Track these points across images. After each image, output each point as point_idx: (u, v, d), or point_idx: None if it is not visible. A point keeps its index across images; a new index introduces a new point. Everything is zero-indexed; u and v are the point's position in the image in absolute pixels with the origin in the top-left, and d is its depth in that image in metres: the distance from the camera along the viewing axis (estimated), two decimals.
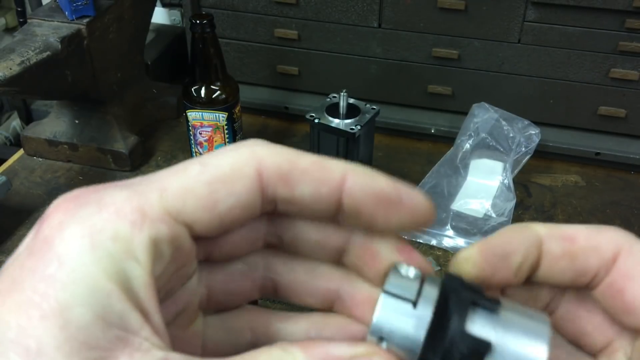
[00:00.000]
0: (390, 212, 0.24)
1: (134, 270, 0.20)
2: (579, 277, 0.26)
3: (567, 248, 0.25)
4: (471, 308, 0.23)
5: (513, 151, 0.91)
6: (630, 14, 0.89)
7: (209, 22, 0.86)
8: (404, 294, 0.23)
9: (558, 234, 0.26)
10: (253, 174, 0.23)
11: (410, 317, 0.23)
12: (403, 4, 0.96)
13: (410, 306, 0.23)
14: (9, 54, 0.82)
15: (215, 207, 0.22)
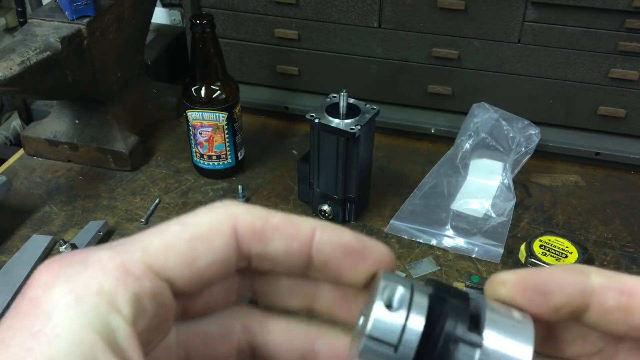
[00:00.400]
0: (356, 263, 0.25)
1: (118, 323, 0.21)
2: (633, 332, 0.25)
3: (624, 302, 0.25)
4: (454, 346, 0.23)
5: (513, 151, 0.92)
6: (630, 14, 0.89)
7: (209, 22, 0.86)
8: (386, 337, 0.23)
9: (616, 286, 0.25)
10: (229, 231, 0.24)
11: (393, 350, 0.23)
12: (403, 4, 0.96)
13: (392, 351, 0.23)
14: (9, 54, 0.82)
15: (195, 263, 0.24)
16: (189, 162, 1.01)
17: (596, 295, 0.25)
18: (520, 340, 0.23)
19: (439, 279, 0.25)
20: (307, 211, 0.92)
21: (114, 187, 0.97)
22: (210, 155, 0.96)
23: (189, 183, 0.98)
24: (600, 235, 0.89)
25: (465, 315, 0.24)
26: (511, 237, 0.88)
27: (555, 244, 0.83)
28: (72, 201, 0.94)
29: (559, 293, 0.25)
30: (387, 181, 0.99)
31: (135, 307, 0.22)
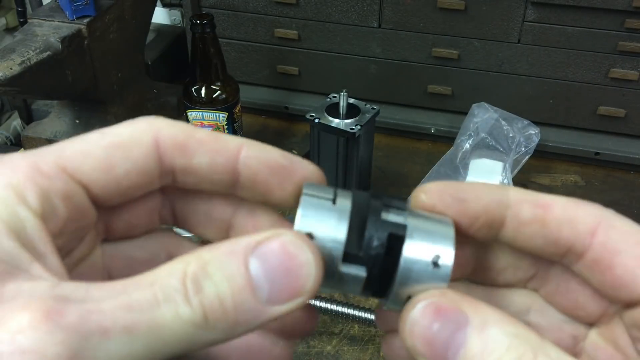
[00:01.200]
0: (284, 179, 0.26)
1: (25, 214, 0.21)
2: (551, 246, 0.26)
3: (539, 215, 0.25)
4: (384, 208, 0.25)
5: (513, 151, 0.92)
6: (629, 13, 0.89)
7: (209, 22, 0.86)
8: (322, 194, 0.25)
9: (532, 199, 0.26)
10: (150, 141, 0.24)
11: (332, 211, 0.24)
12: (403, 4, 0.96)
13: (330, 202, 0.24)
14: (10, 54, 0.82)
15: (112, 170, 0.24)
16: None
17: (512, 207, 0.25)
18: (441, 222, 0.25)
19: None
20: None
21: None
22: None
23: None
24: None
25: (388, 199, 0.25)
26: None
27: None
28: None
29: (475, 201, 0.26)
30: (387, 181, 0.99)
31: (44, 202, 0.22)
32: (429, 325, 0.22)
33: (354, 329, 0.76)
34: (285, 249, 0.22)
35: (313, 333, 0.73)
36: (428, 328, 0.22)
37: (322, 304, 0.70)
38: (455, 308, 0.23)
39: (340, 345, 0.74)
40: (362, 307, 0.70)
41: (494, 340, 0.22)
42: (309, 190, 0.25)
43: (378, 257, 0.24)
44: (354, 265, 0.24)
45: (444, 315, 0.22)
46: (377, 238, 0.24)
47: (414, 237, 0.24)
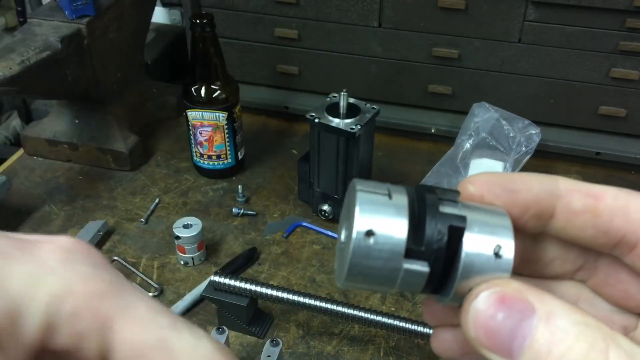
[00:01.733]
0: None
1: None
2: (602, 237, 0.25)
3: (591, 204, 0.25)
4: (439, 201, 0.24)
5: (513, 151, 0.91)
6: (630, 13, 0.89)
7: (209, 22, 0.86)
8: (376, 190, 0.25)
9: (583, 189, 0.25)
10: None
11: (389, 206, 0.24)
12: (403, 4, 0.96)
13: (386, 197, 0.24)
14: (9, 54, 0.82)
15: None
16: (188, 161, 1.01)
17: (563, 197, 0.25)
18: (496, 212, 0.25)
19: None
20: (307, 211, 0.92)
21: (114, 187, 0.97)
22: (210, 155, 0.96)
23: (189, 183, 0.98)
24: None
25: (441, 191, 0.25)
26: None
27: None
28: (71, 201, 0.94)
29: (525, 191, 0.25)
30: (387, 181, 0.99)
31: None
32: (493, 314, 0.22)
33: (354, 330, 0.76)
34: None
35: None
36: (492, 317, 0.22)
37: (322, 304, 0.70)
38: (521, 297, 0.22)
39: (341, 345, 0.74)
40: (362, 307, 0.70)
41: (562, 329, 0.21)
42: (362, 186, 0.25)
43: (440, 251, 0.24)
44: (416, 261, 0.24)
45: (509, 304, 0.22)
46: (438, 232, 0.24)
47: (474, 229, 0.24)
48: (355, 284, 0.24)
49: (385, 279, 0.24)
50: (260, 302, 0.76)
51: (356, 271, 0.24)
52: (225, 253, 0.86)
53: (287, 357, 0.73)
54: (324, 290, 0.81)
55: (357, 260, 0.24)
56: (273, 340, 0.67)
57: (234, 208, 0.92)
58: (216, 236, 0.88)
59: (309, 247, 0.87)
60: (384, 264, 0.24)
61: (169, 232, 0.88)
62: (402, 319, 0.68)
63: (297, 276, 0.83)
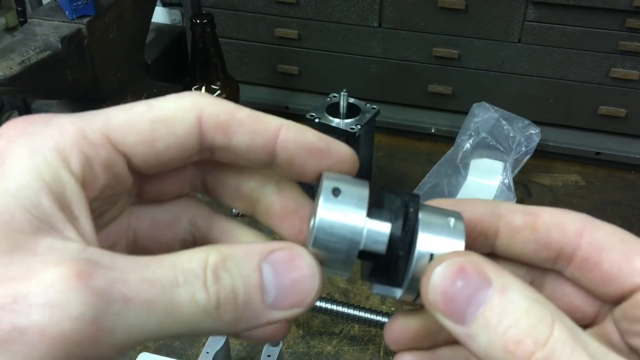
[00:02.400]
0: (319, 161, 0.27)
1: (67, 178, 0.22)
2: (542, 251, 0.27)
3: (530, 221, 0.27)
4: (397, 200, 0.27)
5: (513, 151, 0.91)
6: (630, 13, 0.89)
7: (209, 22, 0.86)
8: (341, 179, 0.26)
9: (522, 209, 0.28)
10: (193, 119, 0.25)
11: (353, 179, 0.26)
12: (403, 4, 0.96)
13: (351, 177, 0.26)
14: (10, 54, 0.82)
15: (154, 143, 0.25)
16: None
17: (504, 217, 0.27)
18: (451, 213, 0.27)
19: None
20: None
21: None
22: None
23: None
24: None
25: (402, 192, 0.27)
26: None
27: None
28: None
29: (471, 211, 0.27)
30: (387, 181, 0.99)
31: (86, 169, 0.23)
32: (452, 282, 0.23)
33: (354, 329, 0.76)
34: (295, 261, 0.24)
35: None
36: (451, 285, 0.23)
37: (322, 304, 0.70)
38: (480, 269, 0.23)
39: (341, 345, 0.74)
40: (362, 307, 0.70)
41: (514, 302, 0.22)
42: (329, 180, 0.26)
43: (399, 215, 0.26)
44: (378, 221, 0.25)
45: (468, 274, 0.23)
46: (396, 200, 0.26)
47: (428, 207, 0.26)
48: (322, 249, 0.25)
49: (350, 234, 0.25)
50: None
51: (324, 228, 0.25)
52: None
53: (287, 357, 0.73)
54: (324, 290, 0.81)
55: (325, 214, 0.25)
56: None
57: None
58: None
59: None
60: (348, 219, 0.25)
61: None
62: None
63: None
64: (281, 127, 0.26)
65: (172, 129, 0.25)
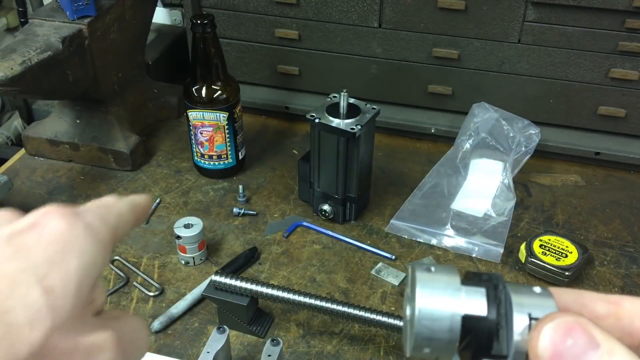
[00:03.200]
0: None
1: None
2: (627, 338, 0.27)
3: (613, 310, 0.28)
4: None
5: (513, 151, 0.92)
6: (630, 14, 0.89)
7: (210, 22, 0.87)
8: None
9: (603, 297, 0.28)
10: None
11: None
12: (403, 4, 0.96)
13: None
14: (11, 54, 0.82)
15: None
16: (189, 161, 1.01)
17: (587, 305, 0.28)
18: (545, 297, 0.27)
19: None
20: (308, 211, 0.93)
21: (115, 187, 0.98)
22: (211, 155, 0.96)
23: (190, 183, 0.98)
24: (600, 235, 0.90)
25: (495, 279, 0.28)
26: (511, 236, 0.88)
27: (555, 243, 0.83)
28: (73, 201, 0.94)
29: (555, 299, 0.28)
30: (387, 181, 0.99)
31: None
32: (562, 340, 0.24)
33: (355, 329, 0.76)
34: None
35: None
36: (561, 343, 0.24)
37: (323, 304, 0.70)
38: (588, 330, 0.24)
39: (341, 345, 0.74)
40: (362, 306, 0.70)
41: None
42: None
43: (488, 285, 0.27)
44: (473, 287, 0.27)
45: (577, 334, 0.24)
46: (479, 279, 0.27)
47: (508, 283, 0.27)
48: (425, 338, 0.27)
49: (448, 322, 0.26)
50: (261, 302, 0.76)
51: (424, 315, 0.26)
52: (225, 253, 0.86)
53: (287, 357, 0.73)
54: (324, 289, 0.81)
55: (424, 299, 0.26)
56: (273, 339, 0.67)
57: (235, 208, 0.92)
58: (217, 236, 0.89)
59: (309, 247, 0.87)
60: (445, 305, 0.26)
61: (170, 232, 0.88)
62: (402, 319, 0.68)
63: (297, 276, 0.83)
64: None
65: None
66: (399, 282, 0.82)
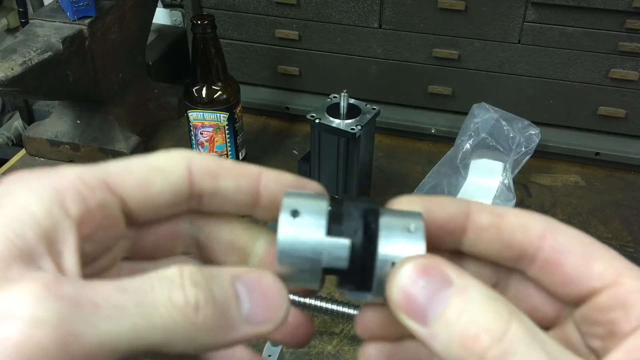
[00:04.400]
0: None
1: (58, 214, 0.23)
2: (506, 250, 0.28)
3: (495, 221, 0.28)
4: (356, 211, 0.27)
5: (513, 151, 0.92)
6: (630, 14, 0.89)
7: (210, 23, 0.87)
8: (303, 192, 0.28)
9: (489, 209, 0.29)
10: (184, 167, 0.28)
11: (312, 196, 0.28)
12: (403, 5, 0.96)
13: (309, 193, 0.28)
14: (11, 55, 0.82)
15: (149, 187, 0.27)
16: None
17: (472, 215, 0.28)
18: (412, 216, 0.28)
19: None
20: None
21: None
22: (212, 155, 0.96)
23: None
24: (600, 235, 0.90)
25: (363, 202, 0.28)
26: None
27: None
28: None
29: (440, 210, 0.28)
30: (387, 181, 0.99)
31: (81, 207, 0.24)
32: (414, 281, 0.24)
33: (355, 329, 0.76)
34: (264, 281, 0.25)
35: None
36: (413, 284, 0.24)
37: (323, 304, 0.70)
38: (441, 270, 0.25)
39: (341, 345, 0.74)
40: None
41: (474, 301, 0.24)
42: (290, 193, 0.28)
43: (358, 226, 0.27)
44: (336, 239, 0.27)
45: (430, 274, 0.24)
46: (354, 215, 0.27)
47: (387, 213, 0.27)
48: (287, 270, 0.27)
49: (311, 254, 0.26)
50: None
51: (286, 251, 0.26)
52: None
53: (287, 357, 0.73)
54: (324, 290, 0.81)
55: (285, 238, 0.26)
56: None
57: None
58: None
59: None
60: (307, 240, 0.26)
61: None
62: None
63: None
64: (262, 171, 0.29)
65: (165, 175, 0.27)
66: None
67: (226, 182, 0.28)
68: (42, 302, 0.20)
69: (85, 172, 0.25)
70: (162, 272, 0.23)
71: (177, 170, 0.27)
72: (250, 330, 0.24)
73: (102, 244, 0.26)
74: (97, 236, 0.26)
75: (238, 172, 0.29)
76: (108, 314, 0.21)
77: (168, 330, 0.22)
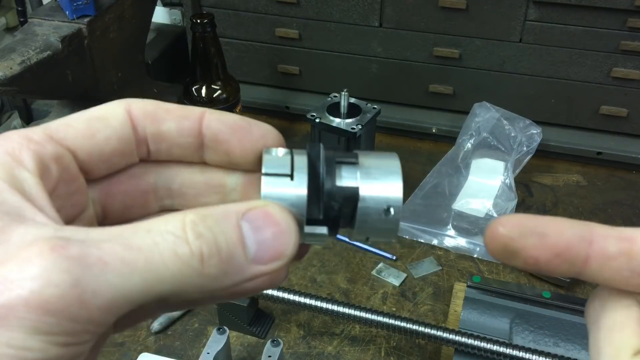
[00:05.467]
0: (243, 137, 0.28)
1: (23, 174, 0.24)
2: (637, 278, 0.26)
3: (625, 248, 0.26)
4: (336, 166, 0.28)
5: (514, 151, 0.91)
6: (632, 13, 0.89)
7: (210, 22, 0.86)
8: (280, 171, 0.27)
9: (615, 234, 0.26)
10: (124, 112, 0.28)
11: (291, 187, 0.27)
12: (404, 3, 0.96)
13: (288, 179, 0.27)
14: (10, 54, 0.82)
15: (93, 136, 0.27)
16: None
17: (596, 242, 0.26)
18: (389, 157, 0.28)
19: None
20: None
21: None
22: None
23: None
24: None
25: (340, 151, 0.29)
26: None
27: None
28: None
29: (556, 235, 0.25)
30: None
31: (38, 163, 0.25)
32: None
33: (355, 330, 0.75)
34: (271, 217, 0.25)
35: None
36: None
37: (323, 304, 0.69)
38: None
39: (342, 345, 0.74)
40: (363, 307, 0.70)
41: None
42: (267, 168, 0.28)
43: (335, 212, 0.27)
44: (316, 227, 0.27)
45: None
46: (336, 202, 0.27)
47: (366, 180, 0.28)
48: None
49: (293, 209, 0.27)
50: (261, 302, 0.76)
51: None
52: None
53: (288, 357, 0.73)
54: (325, 290, 0.81)
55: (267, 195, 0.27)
56: (274, 340, 0.67)
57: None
58: None
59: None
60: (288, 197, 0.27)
61: None
62: (403, 319, 0.68)
63: (298, 276, 0.82)
64: (205, 111, 0.28)
65: (106, 122, 0.27)
66: (399, 283, 0.81)
67: (168, 124, 0.28)
68: (54, 265, 0.21)
69: (29, 131, 0.25)
70: (163, 224, 0.23)
71: (117, 115, 0.27)
72: (257, 271, 0.24)
73: (68, 201, 0.27)
74: (60, 191, 0.26)
75: (179, 114, 0.28)
76: (118, 270, 0.22)
77: (177, 282, 0.23)
